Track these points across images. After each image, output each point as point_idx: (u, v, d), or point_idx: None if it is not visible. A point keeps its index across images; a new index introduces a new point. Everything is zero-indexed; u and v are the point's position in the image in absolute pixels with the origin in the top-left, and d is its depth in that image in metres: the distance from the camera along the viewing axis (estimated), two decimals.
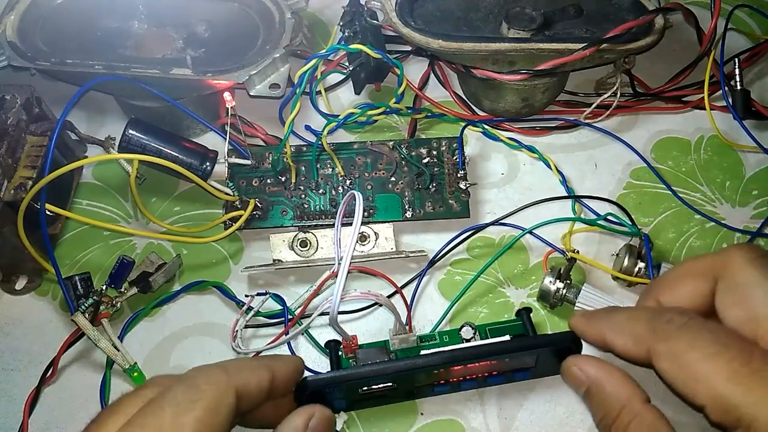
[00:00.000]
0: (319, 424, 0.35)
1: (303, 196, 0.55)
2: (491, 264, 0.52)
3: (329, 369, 0.45)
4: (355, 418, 0.47)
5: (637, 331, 0.33)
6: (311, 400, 0.36)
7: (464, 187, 0.55)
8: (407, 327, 0.49)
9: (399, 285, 0.51)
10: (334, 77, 0.63)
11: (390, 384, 0.39)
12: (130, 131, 0.52)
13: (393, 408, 0.48)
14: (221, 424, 0.31)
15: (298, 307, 0.50)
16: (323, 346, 0.48)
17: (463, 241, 0.53)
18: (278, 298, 0.51)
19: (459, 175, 0.55)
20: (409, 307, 0.51)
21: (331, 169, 0.55)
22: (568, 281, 0.50)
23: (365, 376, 0.38)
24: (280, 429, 0.34)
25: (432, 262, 0.53)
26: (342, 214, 0.48)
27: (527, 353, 0.40)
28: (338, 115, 0.57)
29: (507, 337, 0.44)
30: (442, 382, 0.41)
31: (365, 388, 0.38)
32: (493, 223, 0.54)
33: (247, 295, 0.52)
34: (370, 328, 0.51)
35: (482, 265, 0.53)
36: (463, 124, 0.58)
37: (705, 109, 0.59)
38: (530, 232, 0.54)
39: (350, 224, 0.53)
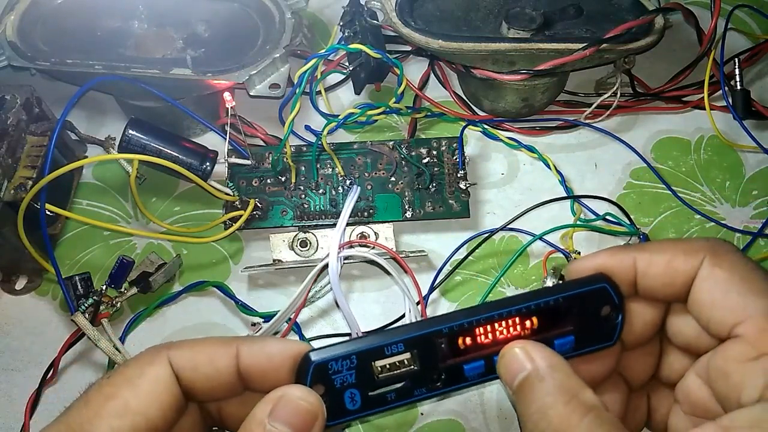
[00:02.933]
0: (286, 409, 0.28)
1: (303, 196, 0.55)
2: (503, 274, 0.53)
3: None
4: None
5: (688, 245, 0.31)
6: (316, 383, 0.30)
7: (464, 187, 0.55)
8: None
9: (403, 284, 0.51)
10: (334, 77, 0.63)
11: (409, 363, 0.32)
12: (130, 131, 0.52)
13: None
14: (153, 397, 0.28)
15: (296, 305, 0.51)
16: None
17: (476, 248, 0.53)
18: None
19: (459, 175, 0.55)
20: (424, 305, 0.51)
21: (331, 169, 0.55)
22: None
23: (380, 342, 0.32)
24: (242, 426, 0.28)
25: (447, 273, 0.53)
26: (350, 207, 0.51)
27: (560, 308, 0.33)
28: (338, 115, 0.57)
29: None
30: (473, 357, 0.33)
31: (381, 368, 0.32)
32: (500, 229, 0.54)
33: (253, 324, 0.51)
34: None
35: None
36: (463, 124, 0.58)
37: (705, 109, 0.59)
38: (531, 234, 0.54)
39: (354, 224, 0.53)
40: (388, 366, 0.32)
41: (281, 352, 0.31)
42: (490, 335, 0.32)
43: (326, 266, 0.49)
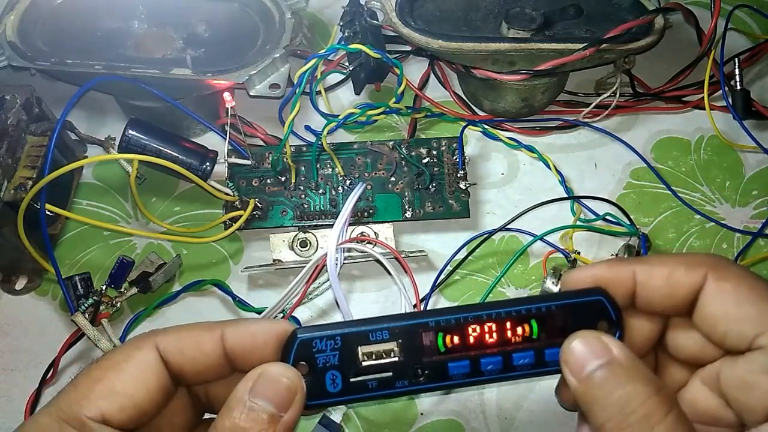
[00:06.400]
0: (266, 385, 0.29)
1: (303, 196, 0.55)
2: (503, 274, 0.53)
3: None
4: (355, 418, 0.48)
5: (689, 259, 0.30)
6: (300, 361, 0.31)
7: (464, 187, 0.55)
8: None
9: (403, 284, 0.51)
10: (334, 77, 0.63)
11: (394, 353, 0.32)
12: (130, 131, 0.52)
13: (393, 408, 0.48)
14: (139, 380, 0.29)
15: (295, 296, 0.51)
16: None
17: (475, 248, 0.53)
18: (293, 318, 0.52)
19: (459, 175, 0.55)
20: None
21: (331, 169, 0.55)
22: None
23: (365, 327, 0.32)
24: (225, 404, 0.29)
25: (448, 273, 0.53)
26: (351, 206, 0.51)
27: (553, 316, 0.33)
28: (338, 115, 0.57)
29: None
30: (459, 356, 0.33)
31: (365, 355, 0.32)
32: (500, 229, 0.54)
33: None
34: None
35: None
36: (463, 124, 0.58)
37: (705, 109, 0.59)
38: (530, 234, 0.54)
39: (354, 224, 0.53)
40: (372, 354, 0.32)
41: (265, 331, 0.31)
42: (478, 336, 0.32)
43: (326, 259, 0.49)
